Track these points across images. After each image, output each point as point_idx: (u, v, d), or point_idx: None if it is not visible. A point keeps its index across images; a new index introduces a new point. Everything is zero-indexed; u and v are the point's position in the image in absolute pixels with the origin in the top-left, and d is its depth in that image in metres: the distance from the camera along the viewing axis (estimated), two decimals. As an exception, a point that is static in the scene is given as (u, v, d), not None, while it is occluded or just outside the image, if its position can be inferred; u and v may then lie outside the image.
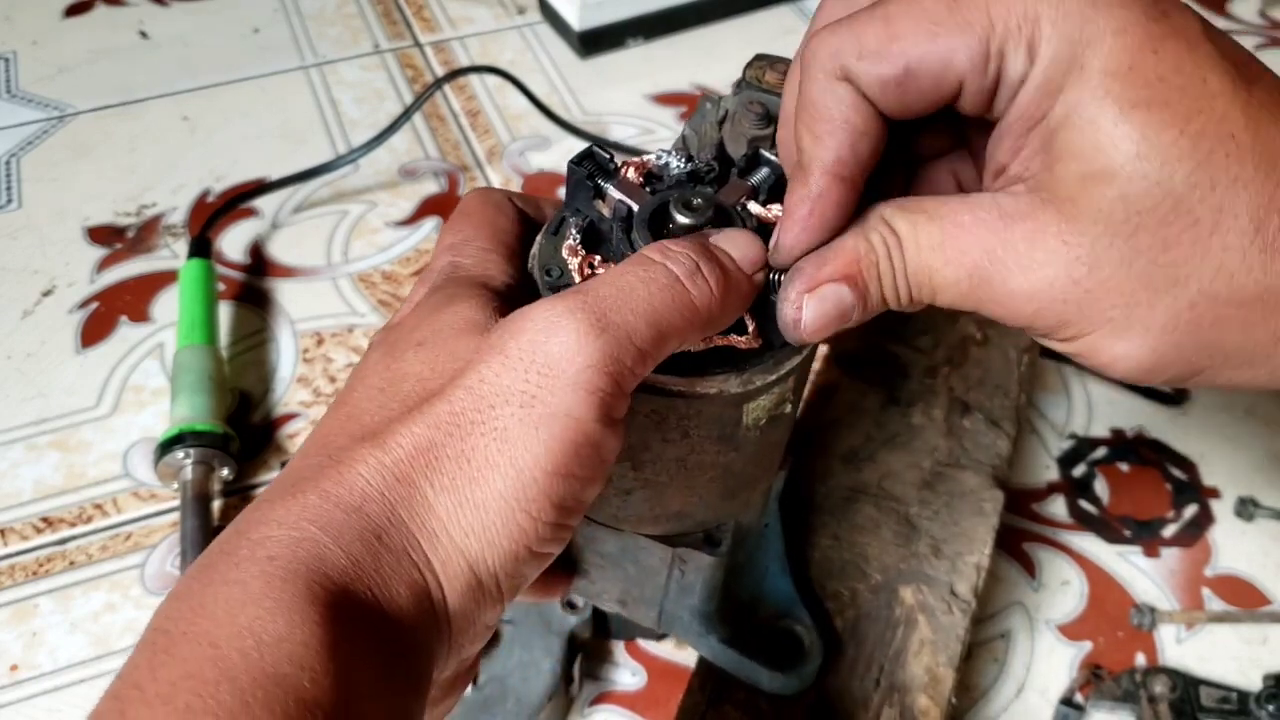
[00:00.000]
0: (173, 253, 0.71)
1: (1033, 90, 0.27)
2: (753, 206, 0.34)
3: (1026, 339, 0.61)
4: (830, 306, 0.30)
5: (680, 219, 0.32)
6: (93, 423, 0.61)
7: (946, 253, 0.29)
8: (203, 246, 0.67)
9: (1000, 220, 0.28)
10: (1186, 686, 0.51)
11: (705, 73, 0.86)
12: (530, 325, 0.28)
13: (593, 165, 0.34)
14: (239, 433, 0.59)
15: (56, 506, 0.57)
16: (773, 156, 0.35)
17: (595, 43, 0.87)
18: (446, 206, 0.75)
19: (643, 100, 0.84)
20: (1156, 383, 0.29)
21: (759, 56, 0.40)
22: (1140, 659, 0.53)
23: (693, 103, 0.84)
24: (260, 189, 0.72)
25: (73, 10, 0.89)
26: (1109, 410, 0.64)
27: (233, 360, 0.64)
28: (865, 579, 0.51)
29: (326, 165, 0.73)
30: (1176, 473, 0.61)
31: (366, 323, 0.67)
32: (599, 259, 0.33)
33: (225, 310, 0.66)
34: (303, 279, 0.70)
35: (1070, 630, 0.54)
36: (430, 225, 0.73)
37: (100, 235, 0.71)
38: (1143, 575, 0.57)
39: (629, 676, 0.52)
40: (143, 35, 0.87)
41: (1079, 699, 0.51)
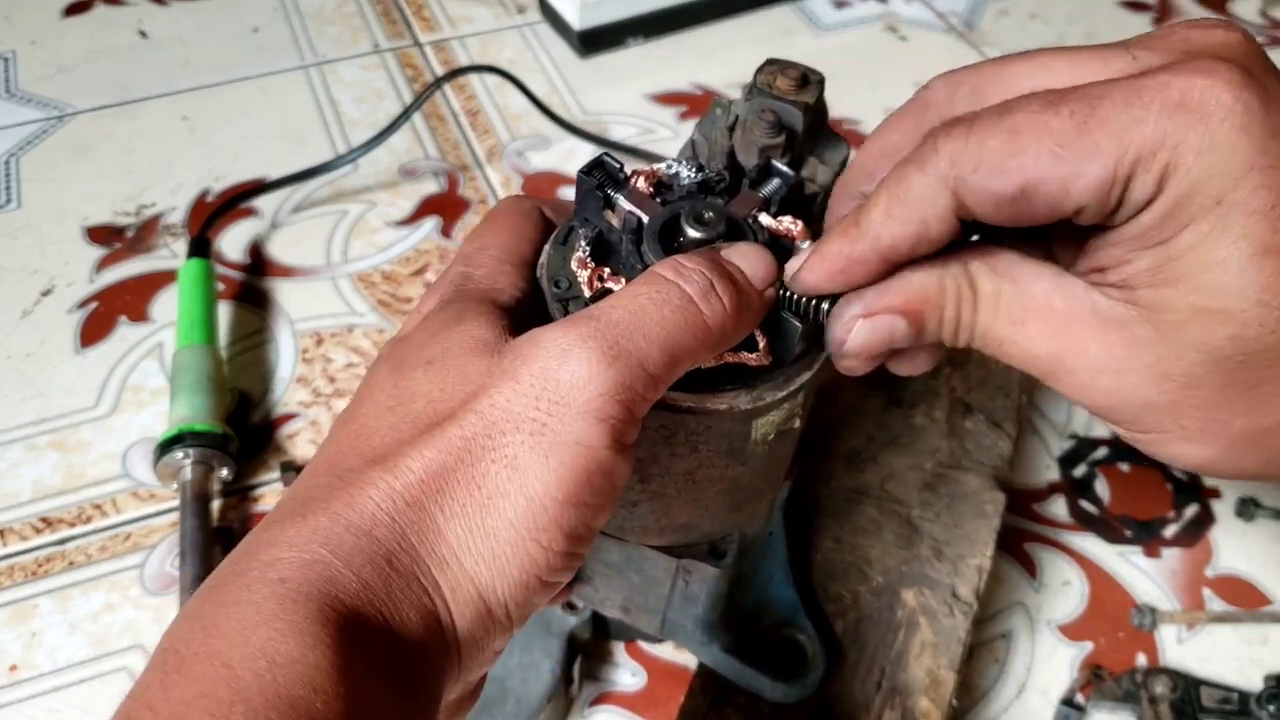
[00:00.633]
0: (172, 252, 0.70)
1: (1159, 215, 0.26)
2: (764, 219, 0.34)
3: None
4: (881, 337, 0.30)
5: (692, 233, 0.32)
6: (92, 423, 0.61)
7: (1028, 329, 0.29)
8: (202, 246, 0.67)
9: (1094, 317, 0.28)
10: (1187, 687, 0.51)
11: (705, 72, 0.86)
12: (542, 352, 0.27)
13: (603, 175, 0.33)
14: (238, 433, 0.59)
15: (56, 507, 0.57)
16: (784, 167, 0.35)
17: (595, 42, 0.87)
18: (446, 206, 0.75)
19: (643, 100, 0.84)
20: (1218, 477, 0.30)
21: (770, 61, 0.39)
22: (1141, 659, 0.53)
23: (693, 102, 0.84)
24: (259, 189, 0.72)
25: (72, 10, 0.89)
26: (1110, 410, 0.64)
27: (232, 360, 0.64)
28: (867, 581, 0.51)
29: (326, 165, 0.73)
30: (1177, 473, 0.61)
31: (366, 323, 0.67)
32: (608, 271, 0.32)
33: (224, 310, 0.66)
34: (302, 279, 0.70)
35: (1071, 630, 0.54)
36: (430, 225, 0.73)
37: (99, 235, 0.71)
38: (1143, 575, 0.57)
39: (629, 677, 0.52)
40: (142, 35, 0.87)
41: (1080, 699, 0.51)
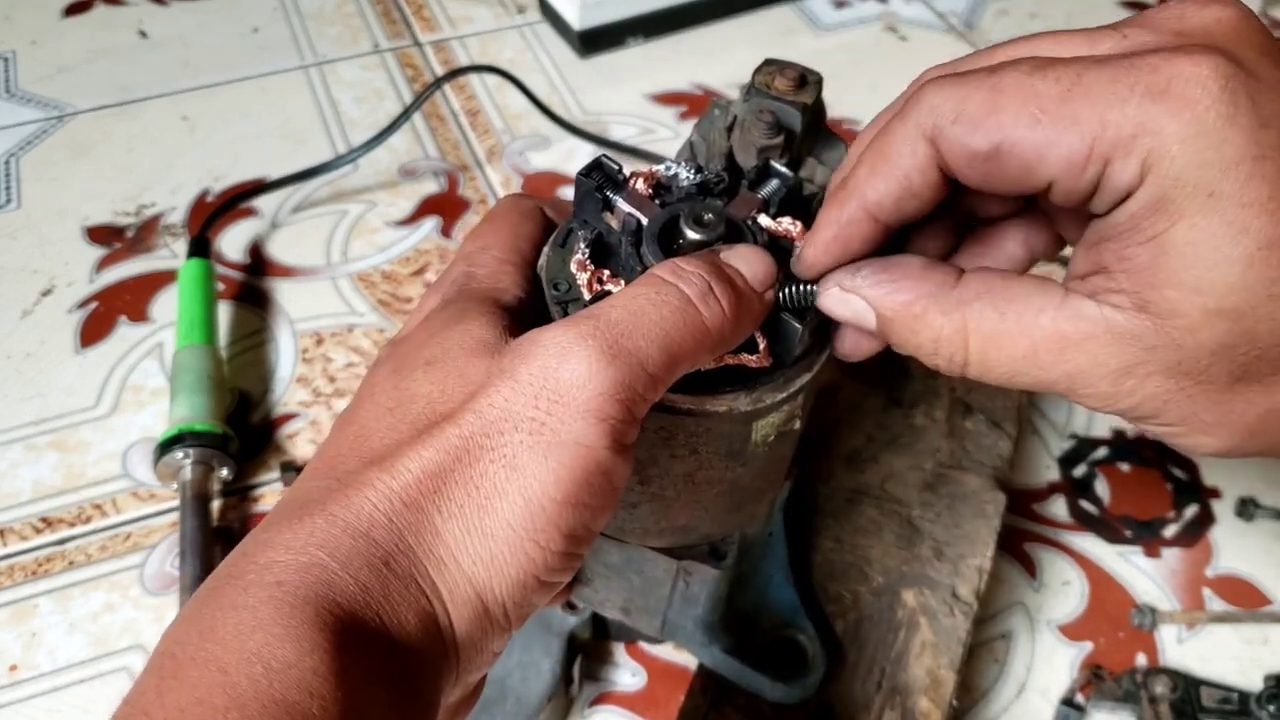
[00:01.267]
0: (172, 252, 0.70)
1: (1145, 204, 0.26)
2: (763, 220, 0.34)
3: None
4: (851, 315, 0.32)
5: (691, 235, 0.32)
6: (92, 423, 0.61)
7: (1039, 358, 0.28)
8: (202, 246, 0.67)
9: (1108, 334, 0.27)
10: (1187, 687, 0.51)
11: (705, 72, 0.86)
12: (541, 351, 0.27)
13: (601, 176, 0.33)
14: (238, 433, 0.59)
15: (56, 507, 0.57)
16: (783, 168, 0.34)
17: (595, 42, 0.87)
18: (446, 206, 0.75)
19: (643, 100, 0.84)
20: (1233, 458, 0.30)
21: (768, 61, 0.39)
22: (1141, 659, 0.53)
23: (693, 102, 0.84)
24: (259, 189, 0.72)
25: (72, 10, 0.89)
26: (1110, 410, 0.64)
27: (232, 360, 0.64)
28: (867, 581, 0.51)
29: (326, 165, 0.73)
30: (1177, 473, 0.61)
31: (366, 322, 0.67)
32: (607, 274, 0.32)
33: (224, 310, 0.66)
34: (302, 279, 0.70)
35: (1071, 630, 0.54)
36: (430, 225, 0.73)
37: (99, 235, 0.71)
38: (1143, 575, 0.57)
39: (629, 677, 0.52)
40: (142, 35, 0.87)
41: (1080, 699, 0.51)
